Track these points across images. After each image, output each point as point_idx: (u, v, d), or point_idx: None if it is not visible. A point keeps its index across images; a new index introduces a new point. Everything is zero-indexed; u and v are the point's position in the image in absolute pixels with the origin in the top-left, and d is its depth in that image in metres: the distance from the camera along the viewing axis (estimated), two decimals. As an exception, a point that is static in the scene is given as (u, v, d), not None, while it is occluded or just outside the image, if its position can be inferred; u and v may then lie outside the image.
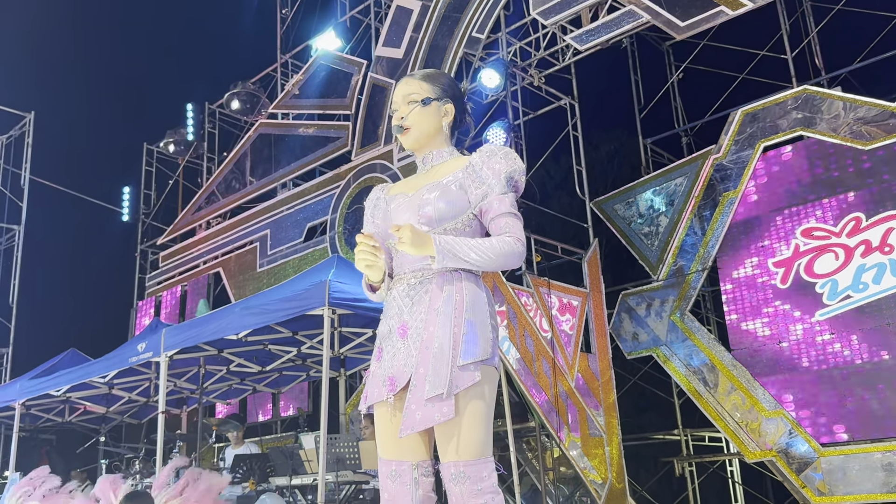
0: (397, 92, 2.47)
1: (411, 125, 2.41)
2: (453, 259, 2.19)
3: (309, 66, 11.85)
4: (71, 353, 9.74)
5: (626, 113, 11.01)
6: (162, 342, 7.11)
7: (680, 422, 9.73)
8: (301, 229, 11.34)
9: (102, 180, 15.89)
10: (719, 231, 8.61)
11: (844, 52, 8.98)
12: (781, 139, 8.35)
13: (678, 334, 8.70)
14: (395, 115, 2.45)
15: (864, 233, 7.66)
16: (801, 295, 7.96)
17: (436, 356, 2.18)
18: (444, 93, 2.45)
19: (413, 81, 2.46)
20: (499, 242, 2.23)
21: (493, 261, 2.22)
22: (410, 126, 2.41)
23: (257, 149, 12.50)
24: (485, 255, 2.21)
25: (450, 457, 2.17)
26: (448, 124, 2.47)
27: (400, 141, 2.46)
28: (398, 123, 2.42)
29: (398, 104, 2.45)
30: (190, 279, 13.17)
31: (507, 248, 2.23)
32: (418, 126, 2.42)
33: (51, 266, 16.38)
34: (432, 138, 2.45)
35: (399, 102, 2.45)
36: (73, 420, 10.75)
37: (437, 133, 2.45)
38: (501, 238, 2.25)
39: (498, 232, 2.29)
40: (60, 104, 17.45)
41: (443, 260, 2.19)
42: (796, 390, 7.83)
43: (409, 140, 2.44)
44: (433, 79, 2.47)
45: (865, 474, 7.17)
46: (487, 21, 9.63)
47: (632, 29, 8.33)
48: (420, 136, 2.43)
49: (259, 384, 9.71)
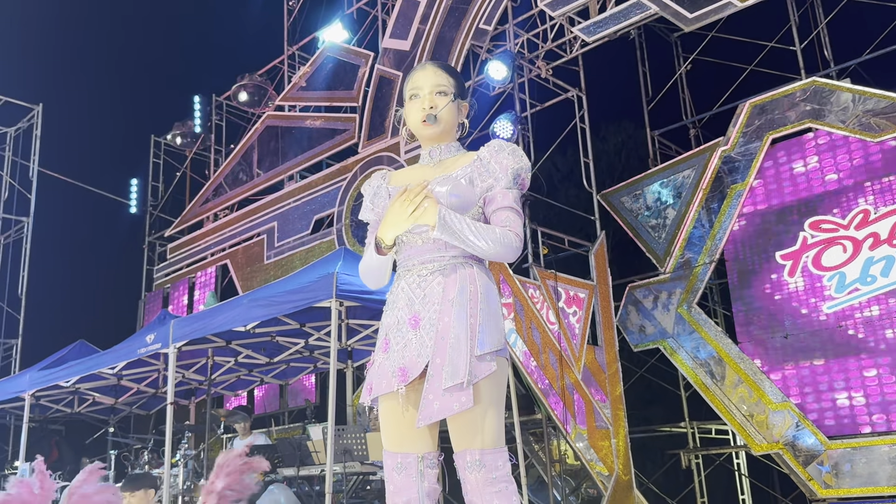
0: (423, 78, 2.46)
1: (442, 119, 2.43)
2: (451, 233, 2.22)
3: (316, 58, 11.85)
4: (79, 345, 9.79)
5: (633, 105, 10.98)
6: (170, 334, 7.15)
7: (686, 414, 9.73)
8: (308, 221, 11.36)
9: (110, 172, 15.93)
10: (727, 223, 8.59)
11: (853, 44, 8.92)
12: (790, 131, 8.32)
13: (685, 327, 8.69)
14: (423, 101, 2.44)
15: (872, 225, 7.63)
16: (808, 287, 7.94)
17: (453, 346, 2.20)
18: (464, 91, 2.51)
19: (443, 74, 2.47)
20: (500, 232, 2.26)
21: (489, 248, 2.24)
22: (438, 113, 2.42)
23: (264, 141, 12.51)
24: (482, 239, 2.24)
25: (466, 445, 2.20)
26: (466, 123, 2.53)
27: (425, 130, 2.44)
28: (432, 112, 2.41)
29: (424, 91, 2.44)
30: (197, 271, 13.21)
31: (505, 239, 2.26)
32: (446, 121, 2.44)
33: (59, 258, 16.45)
34: (449, 133, 2.48)
35: (425, 89, 2.44)
36: (82, 411, 10.82)
37: (454, 127, 2.49)
38: (503, 229, 2.27)
39: (498, 224, 2.31)
40: (68, 96, 17.51)
41: (441, 230, 2.21)
42: (803, 383, 7.82)
43: (436, 132, 2.44)
44: (458, 76, 2.53)
45: (872, 467, 7.17)
46: (494, 13, 9.61)
47: (640, 20, 8.30)
48: (445, 131, 2.46)
49: (266, 375, 9.75)
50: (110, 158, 17.63)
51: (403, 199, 2.26)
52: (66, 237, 16.72)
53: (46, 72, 17.68)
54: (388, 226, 2.30)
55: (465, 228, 2.23)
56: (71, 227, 17.00)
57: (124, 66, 19.49)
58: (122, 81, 19.38)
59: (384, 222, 2.31)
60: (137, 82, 19.48)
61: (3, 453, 12.87)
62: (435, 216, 2.21)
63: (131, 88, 19.41)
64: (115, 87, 19.14)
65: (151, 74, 19.51)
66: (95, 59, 19.02)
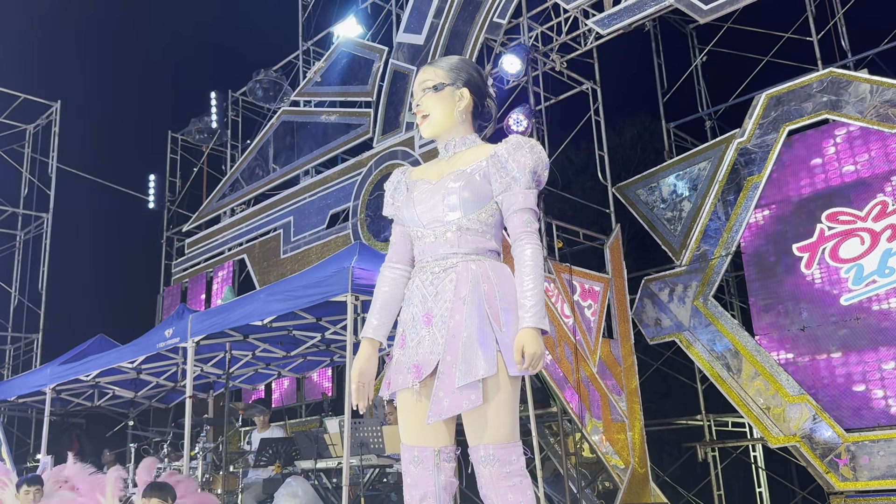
0: (416, 82, 2.49)
1: (427, 111, 2.43)
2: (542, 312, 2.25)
3: (330, 54, 11.88)
4: (99, 339, 9.90)
5: (648, 97, 10.93)
6: (189, 328, 7.22)
7: (703, 407, 9.71)
8: (324, 216, 11.42)
9: (128, 168, 16.10)
10: (743, 216, 8.54)
11: (871, 34, 8.83)
12: (807, 122, 8.25)
13: (701, 320, 8.67)
14: (414, 105, 2.48)
15: (890, 217, 7.57)
16: (825, 280, 7.90)
17: (465, 344, 2.22)
18: (458, 77, 2.44)
19: (428, 69, 2.47)
20: (531, 259, 2.29)
21: (541, 275, 2.29)
22: (427, 113, 2.43)
23: (280, 136, 12.58)
24: (537, 280, 2.27)
25: (479, 440, 2.22)
26: (464, 110, 2.45)
27: (420, 129, 2.47)
28: (414, 111, 2.45)
29: (416, 94, 2.47)
30: (215, 266, 13.32)
31: (539, 258, 2.30)
32: (434, 112, 2.43)
33: (78, 253, 16.63)
34: (451, 124, 2.45)
35: (417, 92, 2.47)
36: (103, 404, 10.94)
37: (451, 118, 2.44)
38: (524, 253, 2.30)
39: (517, 226, 2.32)
40: (86, 93, 17.66)
41: (543, 321, 2.24)
42: (821, 376, 7.78)
43: (428, 128, 2.45)
44: (448, 64, 2.47)
45: (890, 460, 7.13)
46: (508, 6, 9.59)
47: (655, 12, 8.25)
48: (436, 123, 2.44)
49: (284, 369, 9.82)
50: (128, 154, 17.79)
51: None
52: (86, 233, 16.91)
53: (64, 69, 17.85)
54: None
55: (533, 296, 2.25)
56: (90, 223, 17.19)
57: (141, 62, 19.63)
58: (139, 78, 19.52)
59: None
60: (154, 79, 19.63)
61: (25, 446, 13.06)
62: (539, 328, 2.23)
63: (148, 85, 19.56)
64: (132, 83, 19.30)
65: (168, 71, 19.65)
66: (112, 56, 19.17)
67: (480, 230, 2.35)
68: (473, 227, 2.34)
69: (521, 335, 2.19)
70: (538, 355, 2.17)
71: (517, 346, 2.18)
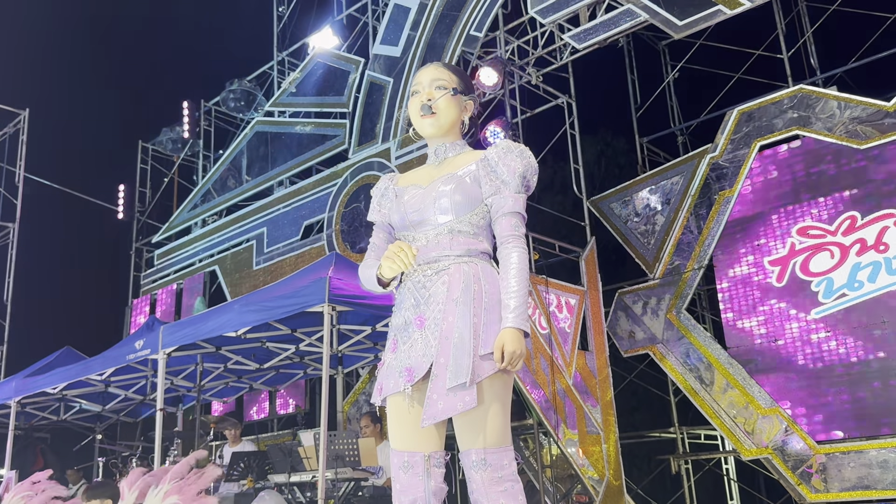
0: (424, 75, 2.49)
1: (438, 111, 2.44)
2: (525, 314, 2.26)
3: (306, 64, 11.84)
4: (66, 351, 9.72)
5: (622, 112, 11.05)
6: (160, 339, 7.11)
7: (675, 419, 9.77)
8: (298, 227, 11.34)
9: (97, 178, 15.81)
10: (715, 230, 8.65)
11: (840, 52, 9.03)
12: (777, 138, 8.41)
13: (674, 332, 8.74)
14: (422, 96, 2.46)
15: (859, 231, 7.71)
16: (796, 293, 8.01)
17: (456, 346, 2.22)
18: (468, 89, 2.52)
19: (443, 69, 2.50)
20: (517, 261, 2.31)
21: (526, 278, 2.31)
22: (437, 112, 2.43)
23: (254, 146, 12.48)
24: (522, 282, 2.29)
25: (471, 445, 2.21)
26: (466, 120, 2.53)
27: (423, 123, 2.46)
28: (427, 103, 2.43)
29: (424, 86, 2.47)
30: (185, 277, 13.15)
31: (524, 262, 2.32)
32: (445, 114, 2.45)
33: (45, 264, 16.33)
34: (451, 130, 2.49)
35: (425, 84, 2.47)
36: (69, 418, 10.72)
37: (456, 125, 2.49)
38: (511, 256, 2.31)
39: (505, 229, 2.35)
40: (55, 102, 17.41)
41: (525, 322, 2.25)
42: (792, 388, 7.88)
43: (434, 125, 2.45)
44: (461, 74, 2.54)
45: (861, 471, 7.22)
46: (485, 19, 9.64)
47: (630, 28, 8.35)
48: (444, 124, 2.46)
49: (256, 382, 9.71)
50: (97, 164, 17.51)
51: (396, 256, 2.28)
52: (53, 243, 16.60)
53: (33, 77, 17.57)
54: (388, 260, 2.30)
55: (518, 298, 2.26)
56: (57, 233, 16.88)
57: (112, 70, 19.39)
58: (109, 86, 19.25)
59: (385, 256, 2.31)
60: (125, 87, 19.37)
61: (-13, 461, 12.74)
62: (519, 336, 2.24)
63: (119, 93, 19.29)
64: (102, 92, 19.02)
65: (139, 79, 19.42)
66: (82, 63, 18.91)
67: (472, 232, 2.38)
68: (465, 229, 2.37)
69: (502, 334, 2.22)
70: (518, 354, 2.20)
71: (497, 344, 2.20)
